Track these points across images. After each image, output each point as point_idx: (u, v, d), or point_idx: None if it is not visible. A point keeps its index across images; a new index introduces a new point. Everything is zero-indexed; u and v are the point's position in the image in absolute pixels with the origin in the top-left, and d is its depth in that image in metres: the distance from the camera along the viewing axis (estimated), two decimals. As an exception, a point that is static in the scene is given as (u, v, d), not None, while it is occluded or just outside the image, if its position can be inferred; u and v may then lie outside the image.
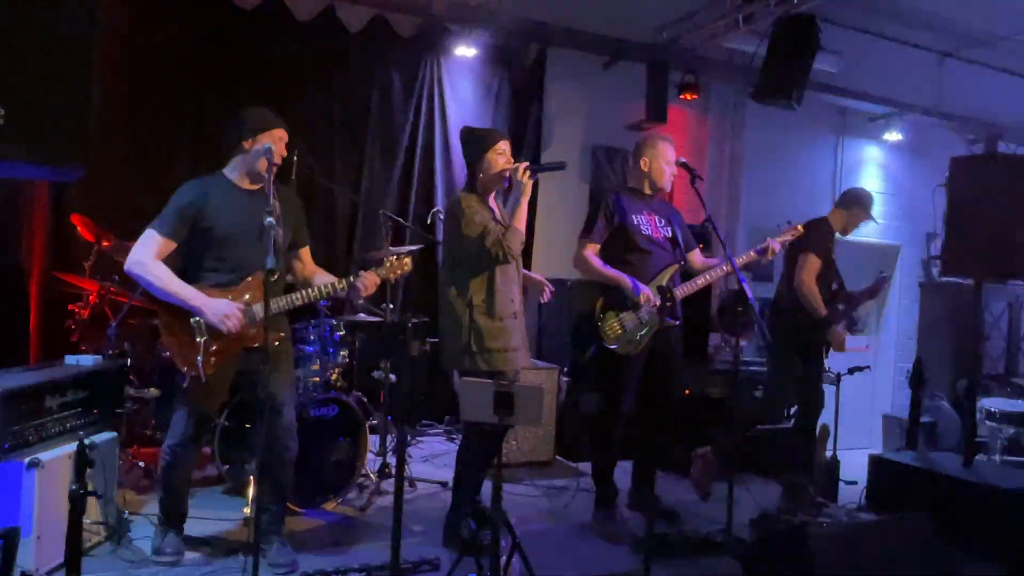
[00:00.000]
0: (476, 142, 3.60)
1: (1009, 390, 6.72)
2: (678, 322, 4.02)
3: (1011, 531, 3.81)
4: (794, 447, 4.79)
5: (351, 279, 3.23)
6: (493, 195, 3.66)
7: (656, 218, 4.05)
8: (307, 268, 3.46)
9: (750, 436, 5.26)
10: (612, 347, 3.84)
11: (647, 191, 4.09)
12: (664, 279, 3.92)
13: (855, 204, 4.80)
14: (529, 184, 3.46)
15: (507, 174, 3.53)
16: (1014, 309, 7.60)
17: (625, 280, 3.84)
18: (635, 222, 3.97)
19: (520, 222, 3.49)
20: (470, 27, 5.88)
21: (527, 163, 3.51)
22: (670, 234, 4.05)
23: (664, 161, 4.02)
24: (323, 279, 3.36)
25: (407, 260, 3.35)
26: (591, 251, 3.96)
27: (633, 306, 3.83)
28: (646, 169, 4.05)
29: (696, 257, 4.19)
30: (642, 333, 3.85)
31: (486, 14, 5.89)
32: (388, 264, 3.31)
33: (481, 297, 3.49)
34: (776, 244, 4.14)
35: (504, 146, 3.59)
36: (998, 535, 3.85)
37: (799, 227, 4.37)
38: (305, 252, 3.46)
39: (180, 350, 3.08)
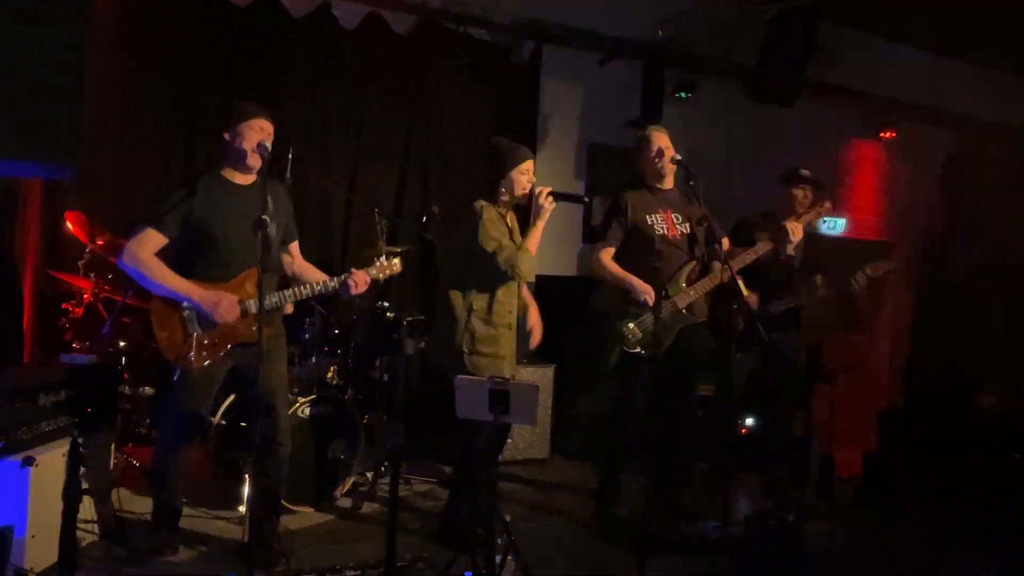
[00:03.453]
0: (502, 157, 3.60)
1: (1004, 387, 6.74)
2: (701, 319, 3.97)
3: (1006, 529, 3.82)
4: (772, 446, 4.79)
5: (343, 277, 3.24)
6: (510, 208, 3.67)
7: (673, 215, 3.97)
8: (296, 262, 3.46)
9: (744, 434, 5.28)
10: (635, 351, 3.80)
11: (659, 185, 4.01)
12: (681, 279, 3.88)
13: None
14: (550, 209, 3.49)
15: (529, 194, 3.55)
16: (1009, 305, 7.62)
17: (634, 284, 3.80)
18: (649, 222, 3.91)
19: (533, 244, 3.53)
20: (465, 24, 5.87)
21: (550, 188, 3.52)
22: (688, 230, 3.98)
23: (652, 149, 3.93)
24: (313, 275, 3.38)
25: (396, 261, 3.38)
26: (606, 255, 3.94)
27: (651, 308, 3.77)
28: (646, 160, 3.97)
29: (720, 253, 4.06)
30: (663, 333, 3.80)
31: (481, 11, 5.88)
32: (378, 264, 3.33)
33: (481, 303, 3.54)
34: (769, 244, 4.11)
35: (529, 166, 3.61)
36: (993, 531, 3.87)
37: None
38: (294, 247, 3.48)
39: (171, 343, 3.09)
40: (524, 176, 3.58)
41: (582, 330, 4.16)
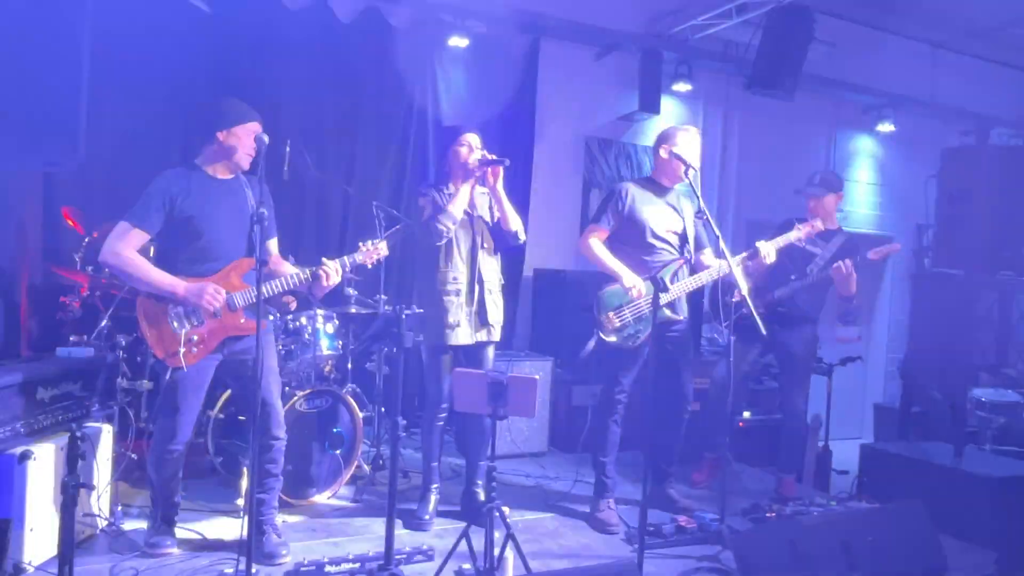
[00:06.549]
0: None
1: (999, 380, 6.76)
2: (681, 318, 4.00)
3: (1001, 519, 3.84)
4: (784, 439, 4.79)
5: (313, 269, 3.23)
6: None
7: (669, 212, 4.02)
8: (272, 258, 3.46)
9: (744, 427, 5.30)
10: (610, 340, 3.83)
11: (664, 182, 4.06)
12: (667, 275, 3.88)
13: None
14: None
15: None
16: (1005, 299, 7.63)
17: (620, 271, 3.84)
18: (644, 216, 3.95)
19: (453, 205, 3.71)
20: (462, 18, 5.85)
21: (482, 154, 3.74)
22: (680, 230, 4.03)
23: (678, 151, 3.94)
24: (289, 270, 3.37)
25: (383, 244, 3.37)
26: (596, 237, 3.98)
27: (630, 299, 3.80)
28: (665, 157, 3.99)
29: (707, 257, 4.07)
30: (640, 327, 3.83)
31: (479, 5, 5.87)
32: (364, 249, 3.32)
33: (426, 273, 3.85)
34: (769, 248, 4.01)
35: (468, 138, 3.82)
36: (988, 523, 3.89)
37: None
38: (273, 243, 3.48)
39: (160, 341, 3.09)
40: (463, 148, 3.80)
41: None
